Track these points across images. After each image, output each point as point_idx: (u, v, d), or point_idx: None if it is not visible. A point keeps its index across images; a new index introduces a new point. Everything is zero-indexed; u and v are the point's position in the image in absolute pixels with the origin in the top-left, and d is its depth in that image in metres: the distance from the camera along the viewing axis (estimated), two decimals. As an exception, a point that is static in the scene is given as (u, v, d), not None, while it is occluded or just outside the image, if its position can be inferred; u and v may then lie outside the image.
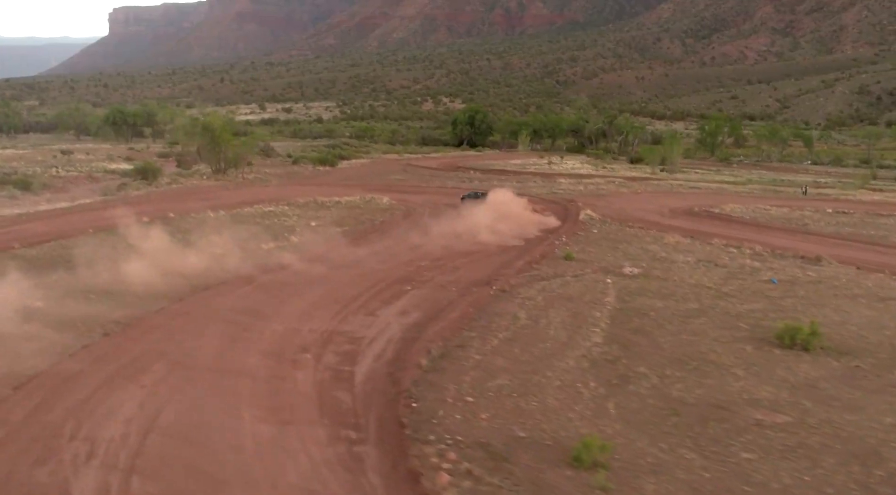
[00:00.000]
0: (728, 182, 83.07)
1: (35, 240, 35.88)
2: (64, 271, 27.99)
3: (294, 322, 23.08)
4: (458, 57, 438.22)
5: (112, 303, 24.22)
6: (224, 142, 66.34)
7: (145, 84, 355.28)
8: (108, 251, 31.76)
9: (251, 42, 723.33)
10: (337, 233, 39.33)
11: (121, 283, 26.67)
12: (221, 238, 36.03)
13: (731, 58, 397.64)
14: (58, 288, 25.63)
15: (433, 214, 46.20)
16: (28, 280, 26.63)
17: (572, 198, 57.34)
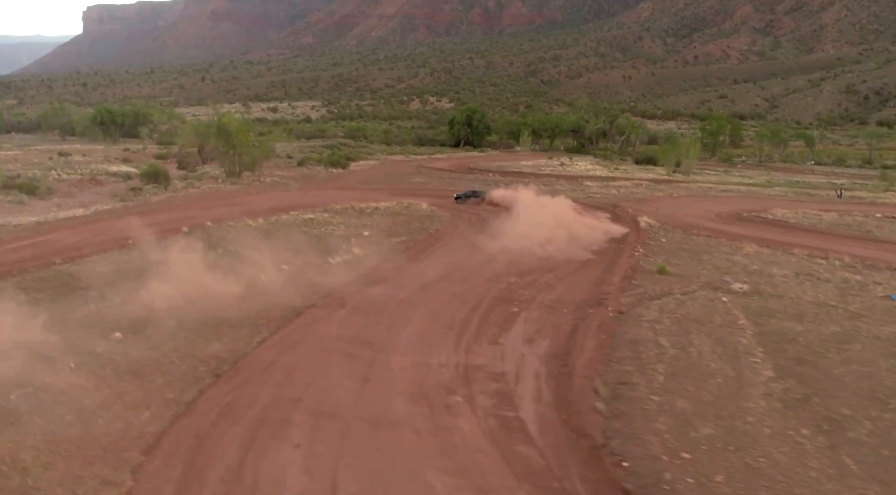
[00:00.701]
0: (749, 184, 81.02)
1: (73, 254, 32.71)
2: (125, 293, 24.87)
3: (416, 354, 20.31)
4: (440, 56, 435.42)
5: (200, 332, 21.24)
6: (240, 144, 62.98)
7: (124, 83, 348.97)
8: (162, 267, 28.64)
9: (227, 41, 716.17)
10: (396, 244, 36.47)
11: (197, 307, 23.71)
12: (278, 250, 33.09)
13: (714, 57, 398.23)
14: (130, 313, 22.63)
15: (482, 222, 43.46)
16: (88, 305, 23.66)
17: (615, 202, 54.68)
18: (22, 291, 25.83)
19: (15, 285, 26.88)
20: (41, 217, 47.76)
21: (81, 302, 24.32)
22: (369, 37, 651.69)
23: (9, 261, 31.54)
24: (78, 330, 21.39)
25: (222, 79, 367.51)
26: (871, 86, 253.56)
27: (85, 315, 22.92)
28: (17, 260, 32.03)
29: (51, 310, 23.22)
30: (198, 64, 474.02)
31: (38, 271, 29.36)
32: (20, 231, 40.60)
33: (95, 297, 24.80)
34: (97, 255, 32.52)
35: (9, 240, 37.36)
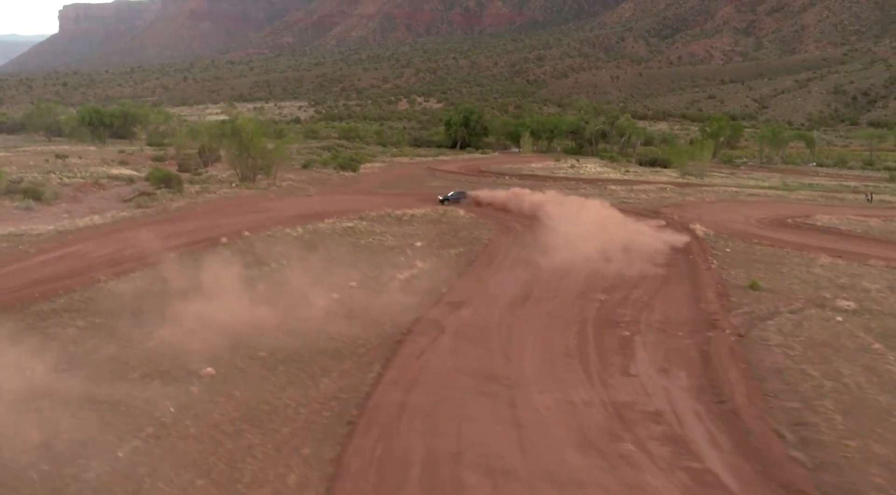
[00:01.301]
0: (766, 187, 79.26)
1: (114, 269, 30.08)
2: (193, 316, 22.38)
3: (552, 389, 18.15)
4: (423, 56, 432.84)
5: (300, 366, 18.88)
6: (256, 147, 60.30)
7: (105, 83, 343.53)
8: (221, 285, 26.18)
9: (206, 40, 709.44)
10: (456, 256, 34.17)
11: (281, 333, 21.39)
12: (335, 265, 30.78)
13: (699, 57, 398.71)
14: (209, 342, 20.21)
15: (530, 230, 41.17)
16: (157, 331, 21.21)
17: (655, 208, 52.71)
18: (77, 315, 23.36)
19: (65, 308, 24.38)
20: (58, 225, 44.92)
21: (147, 328, 21.82)
22: (349, 36, 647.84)
23: (46, 278, 28.92)
24: (159, 363, 18.99)
25: (204, 78, 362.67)
26: (858, 86, 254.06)
27: (158, 345, 20.46)
28: (54, 276, 29.42)
29: (117, 340, 20.79)
30: (177, 63, 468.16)
31: (84, 290, 26.78)
32: (43, 241, 37.90)
33: (160, 321, 22.27)
34: (141, 271, 29.92)
35: (35, 253, 34.67)
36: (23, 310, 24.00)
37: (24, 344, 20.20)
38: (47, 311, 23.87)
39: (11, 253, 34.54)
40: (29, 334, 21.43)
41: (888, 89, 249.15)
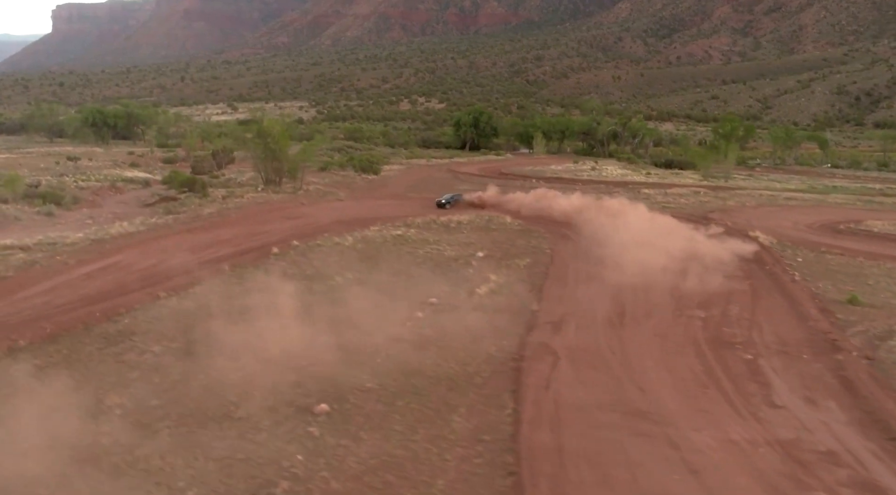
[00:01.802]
0: (793, 190, 77.63)
1: (170, 285, 28.16)
2: (277, 341, 20.44)
3: (703, 425, 16.64)
4: (421, 56, 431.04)
5: (419, 399, 17.02)
6: (283, 150, 58.34)
7: (102, 83, 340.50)
8: (292, 302, 24.37)
9: (200, 40, 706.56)
10: (524, 268, 32.40)
11: (380, 360, 19.57)
12: (404, 278, 28.98)
13: (697, 57, 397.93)
14: (304, 370, 18.38)
15: (586, 238, 39.28)
16: (242, 359, 19.30)
17: (703, 213, 50.99)
18: (148, 338, 21.45)
19: (131, 329, 22.49)
20: (87, 232, 42.92)
21: (230, 353, 19.81)
22: (344, 36, 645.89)
23: (97, 294, 26.99)
24: (261, 397, 17.11)
25: (202, 79, 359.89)
26: (861, 87, 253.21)
27: (250, 374, 18.51)
28: (105, 291, 27.51)
29: (202, 368, 18.89)
30: (173, 63, 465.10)
31: (145, 308, 24.86)
32: (79, 251, 35.90)
33: (242, 346, 20.32)
34: (199, 285, 27.97)
35: (75, 265, 32.72)
36: (87, 332, 22.09)
37: (102, 374, 18.39)
38: (114, 334, 21.95)
39: (50, 264, 32.59)
40: (103, 362, 19.59)
41: (891, 89, 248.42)
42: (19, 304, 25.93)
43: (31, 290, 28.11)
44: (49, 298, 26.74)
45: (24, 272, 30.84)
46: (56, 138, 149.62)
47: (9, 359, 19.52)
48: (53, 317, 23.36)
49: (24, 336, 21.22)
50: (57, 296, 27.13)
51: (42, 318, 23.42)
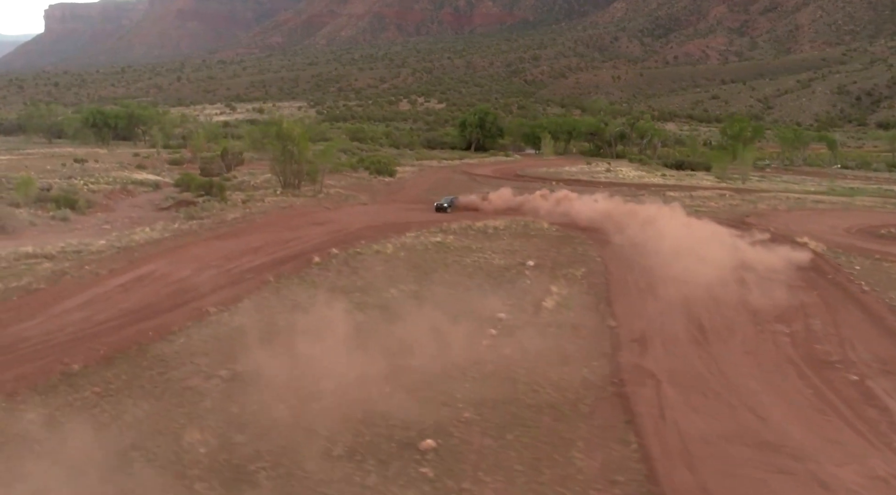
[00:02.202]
0: (814, 192, 76.28)
1: (217, 299, 26.56)
2: (359, 368, 18.86)
3: (842, 458, 15.28)
4: (418, 55, 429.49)
5: (534, 435, 15.51)
6: (302, 152, 56.74)
7: (97, 83, 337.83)
8: (351, 318, 22.88)
9: (194, 40, 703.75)
10: (582, 278, 30.85)
11: (469, 386, 18.07)
12: (461, 291, 27.50)
13: (695, 57, 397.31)
14: (391, 398, 16.86)
15: (630, 245, 37.75)
16: (323, 384, 17.78)
17: (739, 217, 49.60)
18: (210, 361, 19.85)
19: (190, 350, 20.92)
20: (109, 239, 41.26)
21: (305, 380, 18.23)
22: (339, 36, 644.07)
23: (139, 308, 25.42)
24: (355, 432, 15.55)
25: (198, 78, 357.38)
26: (861, 87, 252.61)
27: (335, 404, 16.91)
28: (147, 305, 25.93)
29: (279, 398, 17.28)
30: (168, 63, 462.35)
31: (197, 325, 23.29)
32: (107, 260, 34.27)
33: (314, 370, 18.73)
34: (247, 299, 26.40)
35: (107, 275, 31.08)
36: (142, 353, 20.51)
37: (171, 404, 16.82)
38: (172, 356, 20.36)
39: (81, 275, 30.95)
40: (168, 389, 18.03)
41: (891, 89, 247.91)
42: (59, 320, 24.32)
43: (66, 304, 26.50)
44: (88, 313, 25.14)
45: (55, 284, 29.22)
46: (55, 139, 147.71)
47: (65, 386, 17.95)
48: (101, 337, 21.76)
49: (75, 358, 19.65)
50: (96, 310, 25.53)
51: (88, 337, 21.82)
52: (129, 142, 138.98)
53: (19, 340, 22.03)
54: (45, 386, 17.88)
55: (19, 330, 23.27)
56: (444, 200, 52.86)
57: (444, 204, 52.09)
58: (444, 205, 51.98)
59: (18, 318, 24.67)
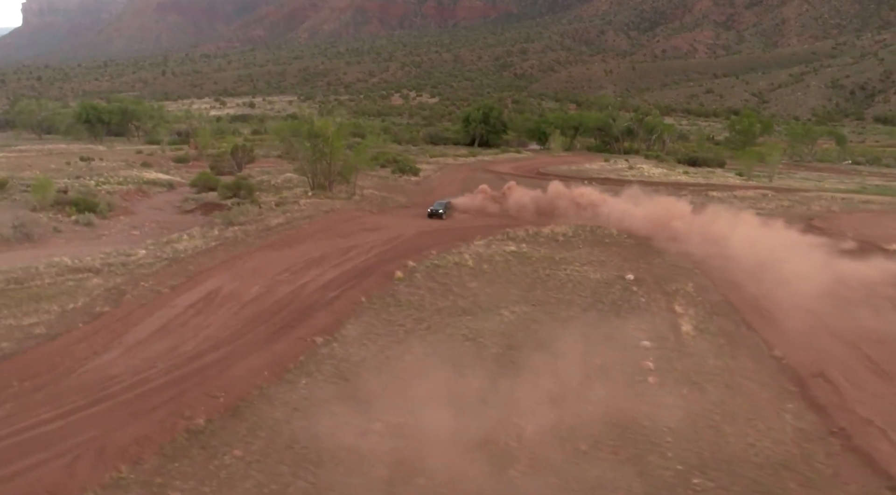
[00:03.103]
0: (845, 190, 73.92)
1: (318, 327, 23.47)
2: (509, 397, 16.06)
3: None
4: (404, 49, 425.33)
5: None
6: (336, 152, 53.59)
7: (80, 77, 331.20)
8: (484, 351, 20.05)
9: (174, 34, 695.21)
10: (694, 293, 28.06)
11: (674, 438, 15.27)
12: (586, 313, 24.71)
13: (683, 51, 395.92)
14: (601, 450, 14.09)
15: (720, 257, 34.98)
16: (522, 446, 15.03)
17: (804, 221, 47.07)
18: (354, 412, 16.87)
19: (318, 396, 17.91)
20: (150, 247, 38.03)
21: (491, 432, 15.36)
22: (321, 30, 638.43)
23: (229, 337, 22.55)
24: (580, 481, 12.67)
25: (183, 72, 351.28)
26: (854, 81, 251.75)
27: (539, 468, 14.04)
28: (234, 332, 23.06)
29: (469, 458, 14.39)
30: (150, 57, 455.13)
31: (311, 360, 20.32)
32: (160, 274, 31.18)
33: (500, 427, 15.87)
34: (349, 325, 23.55)
35: (170, 294, 27.99)
36: (268, 401, 17.54)
37: (339, 475, 13.81)
38: (302, 403, 17.44)
39: (141, 293, 27.82)
40: (321, 452, 15.00)
41: (884, 84, 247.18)
42: (141, 353, 21.28)
43: (140, 331, 23.45)
44: (171, 343, 22.09)
45: (117, 305, 26.08)
46: (45, 135, 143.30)
47: (198, 449, 14.96)
48: (208, 378, 18.73)
49: (194, 409, 16.64)
50: (178, 339, 22.49)
51: (191, 379, 18.79)
52: (122, 138, 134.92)
53: (108, 380, 19.01)
54: (174, 449, 14.93)
55: (101, 366, 20.24)
56: (438, 205, 48.66)
57: (438, 209, 47.87)
58: (438, 210, 47.79)
59: (93, 350, 21.62)
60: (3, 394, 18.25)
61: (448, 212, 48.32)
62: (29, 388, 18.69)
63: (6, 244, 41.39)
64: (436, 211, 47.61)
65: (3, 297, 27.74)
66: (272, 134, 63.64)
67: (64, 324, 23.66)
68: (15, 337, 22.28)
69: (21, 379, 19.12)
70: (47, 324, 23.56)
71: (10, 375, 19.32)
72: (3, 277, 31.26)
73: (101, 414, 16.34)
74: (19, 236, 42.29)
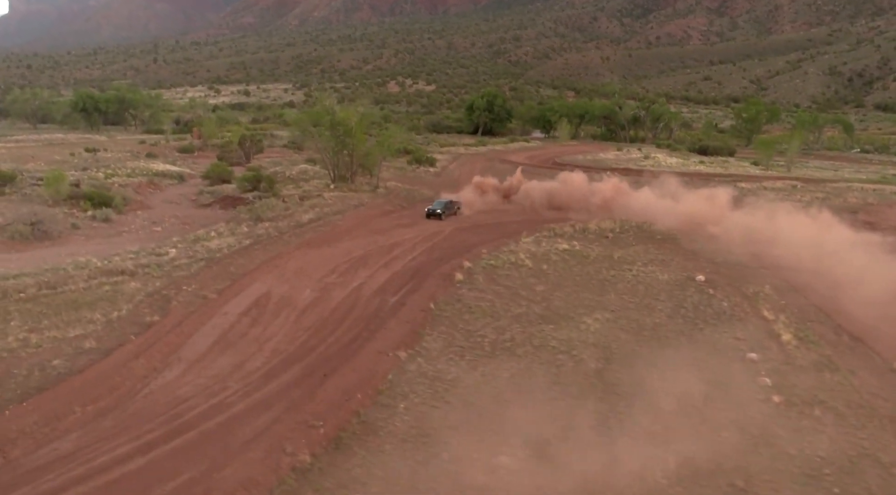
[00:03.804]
0: (864, 180, 72.39)
1: (394, 340, 21.73)
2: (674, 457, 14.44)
3: None
4: (396, 36, 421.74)
5: None
6: (359, 143, 51.64)
7: (70, 65, 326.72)
8: (591, 365, 18.38)
9: (163, 21, 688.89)
10: (775, 296, 26.38)
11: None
12: (673, 320, 23.04)
13: (677, 38, 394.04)
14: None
15: (771, 252, 33.41)
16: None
17: (850, 214, 45.54)
18: (473, 440, 15.16)
19: (425, 424, 16.19)
20: (179, 245, 36.16)
21: (647, 466, 13.68)
22: (311, 16, 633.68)
23: (299, 351, 20.85)
24: None
25: (174, 60, 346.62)
26: (852, 68, 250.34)
27: None
28: (299, 343, 21.32)
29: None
30: (141, 45, 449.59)
31: (399, 378, 18.54)
32: (201, 276, 29.57)
33: (652, 461, 14.21)
34: (428, 338, 21.62)
35: (217, 299, 26.27)
36: (371, 431, 15.83)
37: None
38: (410, 433, 15.75)
39: (186, 299, 26.02)
40: (453, 478, 13.29)
41: (882, 71, 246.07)
42: (206, 370, 19.52)
43: (198, 343, 21.67)
44: (236, 359, 20.32)
45: (165, 313, 24.25)
46: (40, 124, 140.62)
47: (311, 493, 13.15)
48: (296, 402, 16.97)
49: (296, 443, 14.90)
50: (242, 354, 20.73)
51: (277, 402, 17.02)
52: (118, 128, 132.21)
53: (179, 404, 17.25)
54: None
55: (166, 386, 18.46)
56: (438, 204, 43.47)
57: (436, 209, 42.63)
58: (436, 210, 42.58)
59: (153, 367, 19.82)
60: (68, 422, 16.47)
61: (448, 211, 43.14)
62: (93, 414, 16.91)
63: (25, 242, 39.39)
64: (433, 211, 42.53)
65: (39, 305, 25.90)
66: (292, 124, 61.32)
67: (114, 337, 21.84)
68: (65, 352, 20.45)
69: (83, 404, 17.34)
70: (96, 337, 21.73)
71: (69, 399, 17.53)
72: (34, 281, 29.36)
73: (187, 450, 14.57)
74: (38, 233, 40.28)
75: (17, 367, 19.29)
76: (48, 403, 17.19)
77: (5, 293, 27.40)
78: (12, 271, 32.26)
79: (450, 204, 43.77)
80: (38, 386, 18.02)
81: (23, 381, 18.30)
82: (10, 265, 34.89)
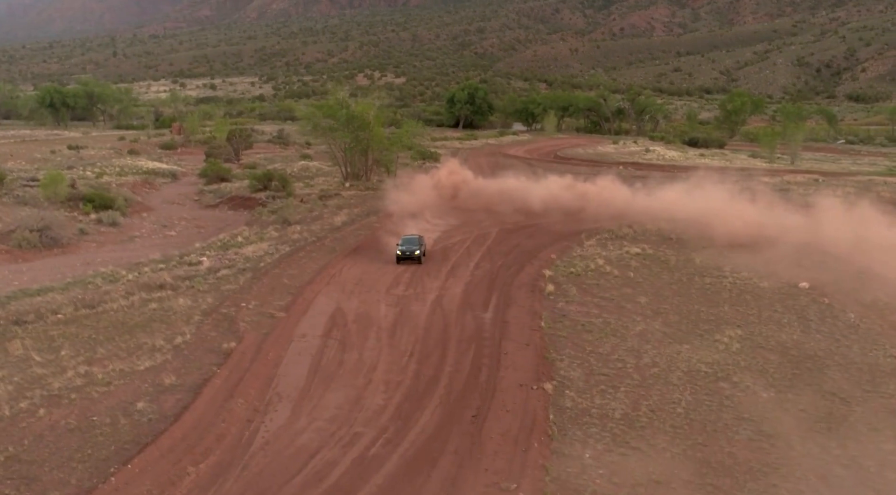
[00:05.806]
0: (874, 172, 71.01)
1: (520, 370, 19.06)
2: None
3: None
4: (360, 29, 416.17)
5: None
6: (376, 139, 48.68)
7: (27, 59, 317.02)
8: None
9: (117, 14, 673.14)
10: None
11: None
12: (807, 335, 20.84)
13: (640, 29, 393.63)
14: None
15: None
16: None
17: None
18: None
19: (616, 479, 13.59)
20: (206, 250, 33.03)
21: None
22: (270, 9, 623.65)
23: (408, 379, 18.02)
24: None
25: (135, 54, 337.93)
26: (819, 59, 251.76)
27: None
28: (411, 373, 18.64)
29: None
30: (97, 38, 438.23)
31: (560, 419, 15.85)
32: (257, 291, 26.74)
33: None
34: (559, 363, 18.96)
35: (286, 319, 23.67)
36: (557, 482, 13.05)
37: None
38: (608, 487, 12.99)
39: (251, 320, 23.08)
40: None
41: (849, 61, 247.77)
42: (319, 411, 16.78)
43: (292, 376, 18.95)
44: (348, 394, 17.68)
45: (238, 339, 21.28)
46: (3, 120, 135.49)
47: None
48: (468, 456, 14.24)
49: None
50: (351, 387, 18.06)
51: (430, 453, 14.31)
52: (87, 123, 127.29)
53: (309, 458, 14.53)
54: None
55: (282, 434, 15.66)
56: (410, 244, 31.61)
57: (414, 250, 31.05)
58: (415, 252, 31.03)
59: (254, 408, 16.95)
60: (184, 487, 13.52)
61: (422, 248, 31.65)
62: (211, 475, 14.02)
63: (33, 250, 35.95)
64: (410, 253, 31.07)
65: (83, 328, 22.82)
66: (303, 119, 57.95)
67: (193, 369, 18.88)
68: (144, 391, 17.45)
69: (195, 462, 14.44)
70: (173, 370, 18.72)
71: (177, 456, 14.59)
72: (65, 298, 26.19)
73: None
74: (46, 240, 36.80)
75: (97, 413, 16.29)
76: (155, 463, 14.27)
77: (39, 314, 24.20)
78: (32, 286, 28.98)
79: (420, 239, 32.54)
80: (134, 440, 15.05)
81: (113, 434, 15.33)
82: (24, 278, 31.54)
